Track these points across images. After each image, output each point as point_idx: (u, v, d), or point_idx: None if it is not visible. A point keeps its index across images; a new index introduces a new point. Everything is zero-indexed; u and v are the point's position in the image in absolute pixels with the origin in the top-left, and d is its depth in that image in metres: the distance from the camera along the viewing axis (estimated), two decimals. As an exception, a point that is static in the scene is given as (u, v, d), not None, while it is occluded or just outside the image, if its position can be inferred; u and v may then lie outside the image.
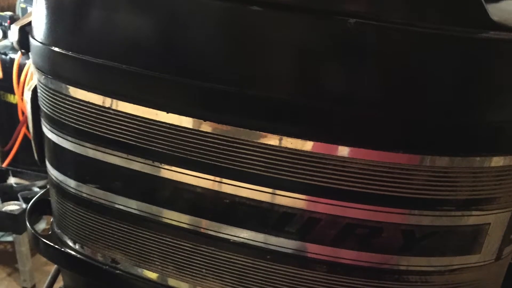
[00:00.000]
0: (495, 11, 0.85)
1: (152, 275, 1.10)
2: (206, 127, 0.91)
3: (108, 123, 1.00)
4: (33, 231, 1.29)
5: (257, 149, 0.90)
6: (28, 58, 1.25)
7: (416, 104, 0.85)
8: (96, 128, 1.02)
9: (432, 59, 0.83)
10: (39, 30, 1.08)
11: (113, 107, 0.98)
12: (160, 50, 0.94)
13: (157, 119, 0.95)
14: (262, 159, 0.90)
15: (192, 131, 0.93)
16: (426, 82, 0.84)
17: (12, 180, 3.99)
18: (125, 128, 0.98)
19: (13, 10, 4.93)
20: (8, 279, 3.77)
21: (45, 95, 1.11)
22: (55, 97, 1.07)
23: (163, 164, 0.98)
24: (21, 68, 3.83)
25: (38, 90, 1.16)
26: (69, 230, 1.19)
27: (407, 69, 0.84)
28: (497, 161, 0.90)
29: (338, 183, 0.89)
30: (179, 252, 1.04)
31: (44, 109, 1.14)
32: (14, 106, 4.07)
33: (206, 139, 0.92)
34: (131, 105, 0.96)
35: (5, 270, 3.82)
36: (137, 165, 1.00)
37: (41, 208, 1.43)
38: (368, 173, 0.87)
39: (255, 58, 0.88)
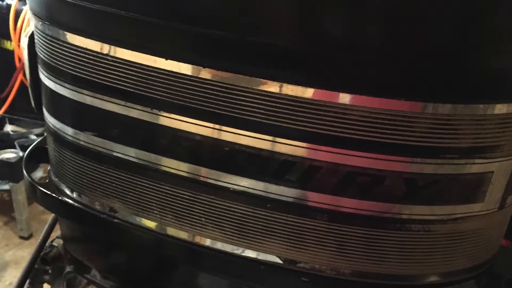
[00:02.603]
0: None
1: (151, 224, 1.12)
2: (206, 74, 0.93)
3: (106, 70, 1.01)
4: (30, 179, 1.30)
5: (257, 96, 0.91)
6: (24, 4, 1.26)
7: (417, 49, 0.86)
8: (94, 75, 1.03)
9: (433, 2, 0.83)
10: (36, -25, 1.09)
11: (111, 54, 0.99)
12: (159, -5, 0.95)
13: (156, 66, 0.96)
14: (262, 106, 0.91)
15: (191, 78, 0.94)
16: (428, 27, 0.85)
17: (8, 128, 4.00)
18: (123, 75, 1.00)
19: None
20: (5, 228, 3.79)
21: (42, 42, 1.12)
22: (53, 44, 1.08)
23: (161, 112, 0.99)
24: (17, 14, 3.80)
25: (35, 37, 1.17)
26: (66, 179, 1.21)
27: (408, 13, 0.84)
28: (501, 109, 0.91)
29: (339, 131, 0.90)
30: (178, 201, 1.06)
31: (41, 56, 1.15)
32: (11, 52, 4.04)
33: (206, 86, 0.93)
34: (130, 51, 0.97)
35: (1, 219, 3.84)
36: (135, 112, 1.02)
37: (38, 156, 1.45)
38: (370, 120, 0.89)
39: (255, 3, 0.89)
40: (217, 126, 0.96)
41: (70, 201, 1.22)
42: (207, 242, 1.08)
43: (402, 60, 0.87)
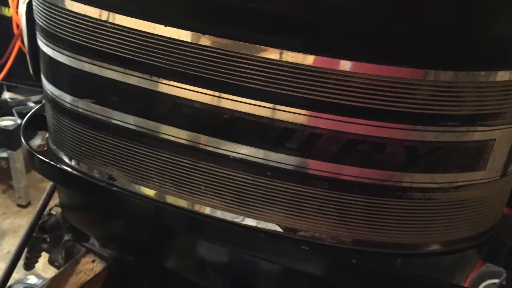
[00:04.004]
0: None
1: (150, 192, 1.13)
2: (205, 40, 0.93)
3: (104, 37, 1.02)
4: (28, 147, 1.31)
5: (257, 63, 0.92)
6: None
7: (418, 16, 0.87)
8: (93, 42, 1.04)
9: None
10: None
11: (110, 20, 1.00)
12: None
13: (155, 33, 0.96)
14: (262, 73, 0.92)
15: (191, 45, 0.94)
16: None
17: (6, 95, 4.02)
18: (122, 42, 1.00)
19: None
20: (3, 196, 3.83)
21: (41, 8, 1.12)
22: (51, 10, 1.09)
23: (161, 79, 1.00)
24: (16, -20, 3.81)
25: (33, 3, 1.17)
26: (65, 146, 1.22)
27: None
28: (503, 76, 0.92)
29: (340, 98, 0.91)
30: (177, 169, 1.07)
31: (40, 23, 1.15)
32: (9, 19, 4.04)
33: (205, 53, 0.94)
34: (128, 18, 0.98)
35: (-1, 187, 3.88)
36: (134, 79, 1.02)
37: (36, 123, 1.46)
38: (371, 87, 0.89)
39: (254, -32, 0.89)
40: (216, 93, 0.97)
41: (69, 169, 1.23)
42: (207, 210, 1.08)
43: (403, 26, 0.88)
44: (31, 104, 3.90)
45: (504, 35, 0.91)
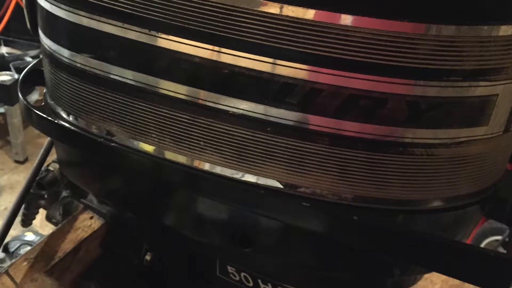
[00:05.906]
0: None
1: (149, 148, 1.14)
2: (204, -6, 0.93)
3: (103, -9, 1.02)
4: (25, 102, 1.32)
5: (257, 18, 0.92)
6: None
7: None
8: (91, -4, 1.04)
9: None
10: None
11: (108, -26, 1.00)
12: None
13: (153, -14, 0.96)
14: (262, 28, 0.93)
15: (190, -2, 0.95)
16: None
17: (3, 50, 4.02)
18: (120, -5, 1.01)
19: None
20: (0, 152, 3.84)
21: (38, -39, 1.12)
22: (48, -36, 1.09)
23: (160, 33, 1.00)
24: None
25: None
26: (62, 101, 1.23)
27: None
28: (506, 30, 0.92)
29: (341, 53, 0.91)
30: (176, 124, 1.08)
31: (36, -24, 1.16)
32: (6, -28, 4.02)
33: (205, 7, 0.94)
34: (127, -29, 0.98)
35: (-4, 143, 3.89)
36: (133, 34, 1.03)
37: (33, 78, 1.46)
38: (372, 42, 0.90)
39: None
40: (216, 48, 0.97)
41: (66, 125, 1.24)
42: (206, 166, 1.09)
43: (404, -21, 0.88)
44: (28, 59, 3.91)
45: (507, -11, 0.91)
